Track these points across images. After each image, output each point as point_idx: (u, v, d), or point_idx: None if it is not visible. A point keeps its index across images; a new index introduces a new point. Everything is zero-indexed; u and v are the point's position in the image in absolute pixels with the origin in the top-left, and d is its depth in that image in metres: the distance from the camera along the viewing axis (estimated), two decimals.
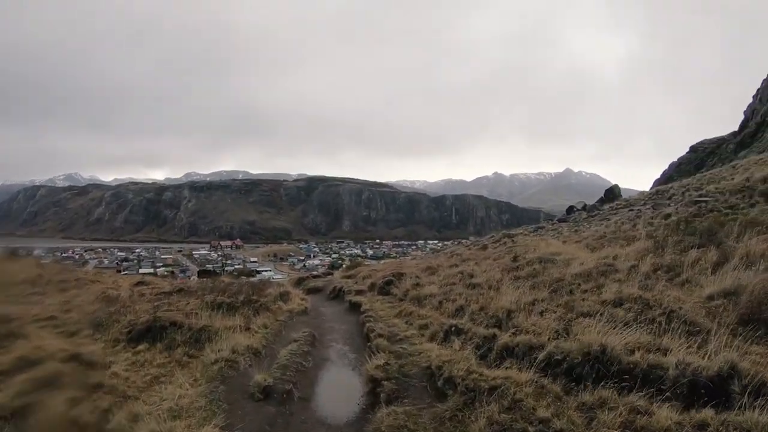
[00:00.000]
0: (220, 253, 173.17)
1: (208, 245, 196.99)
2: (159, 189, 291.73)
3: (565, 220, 27.49)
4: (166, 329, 7.43)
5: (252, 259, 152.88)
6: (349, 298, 12.72)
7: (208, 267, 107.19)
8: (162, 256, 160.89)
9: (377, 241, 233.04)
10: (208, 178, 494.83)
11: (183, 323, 7.62)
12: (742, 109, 47.45)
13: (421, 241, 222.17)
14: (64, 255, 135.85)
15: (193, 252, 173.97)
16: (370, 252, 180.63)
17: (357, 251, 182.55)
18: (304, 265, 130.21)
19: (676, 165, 51.74)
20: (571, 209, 32.72)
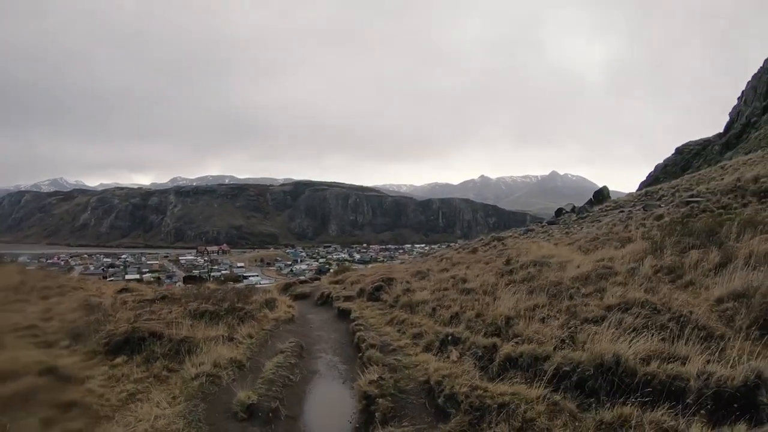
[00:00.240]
0: (206, 258, 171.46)
1: (195, 251, 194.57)
2: (145, 194, 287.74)
3: (554, 223, 27.40)
4: (144, 340, 6.97)
5: (239, 264, 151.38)
6: (338, 305, 12.40)
7: (195, 273, 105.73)
8: (148, 262, 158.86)
9: (364, 245, 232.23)
10: (194, 183, 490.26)
11: (163, 334, 7.16)
12: (726, 112, 48.22)
13: (408, 245, 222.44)
14: (49, 261, 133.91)
15: (180, 257, 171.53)
16: (357, 256, 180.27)
17: (344, 256, 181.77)
18: (291, 270, 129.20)
19: (662, 167, 52.33)
20: (560, 211, 32.69)
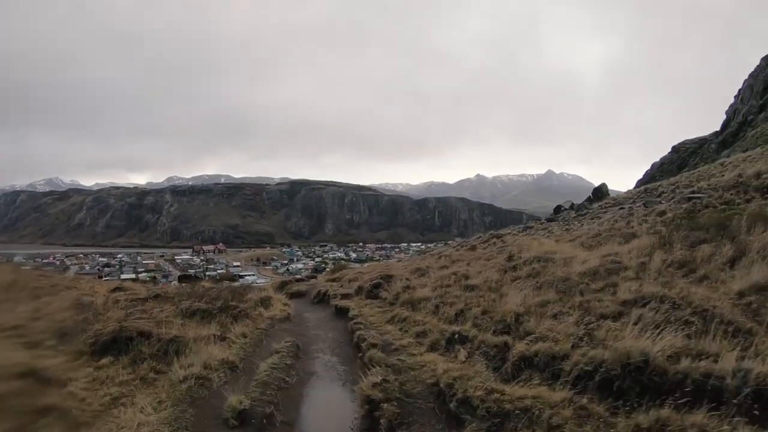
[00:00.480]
0: (202, 257, 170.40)
1: (191, 250, 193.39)
2: (141, 193, 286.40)
3: (554, 220, 27.17)
4: (132, 340, 6.60)
5: (235, 263, 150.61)
6: (335, 303, 12.08)
7: (191, 272, 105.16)
8: (144, 262, 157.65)
9: (360, 244, 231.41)
10: (190, 182, 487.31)
11: (152, 333, 6.79)
12: (722, 110, 48.15)
13: (405, 244, 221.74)
14: (44, 261, 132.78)
15: (176, 257, 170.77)
16: (354, 255, 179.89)
17: (340, 255, 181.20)
18: (288, 269, 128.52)
19: (658, 165, 52.21)
20: (559, 208, 32.49)
